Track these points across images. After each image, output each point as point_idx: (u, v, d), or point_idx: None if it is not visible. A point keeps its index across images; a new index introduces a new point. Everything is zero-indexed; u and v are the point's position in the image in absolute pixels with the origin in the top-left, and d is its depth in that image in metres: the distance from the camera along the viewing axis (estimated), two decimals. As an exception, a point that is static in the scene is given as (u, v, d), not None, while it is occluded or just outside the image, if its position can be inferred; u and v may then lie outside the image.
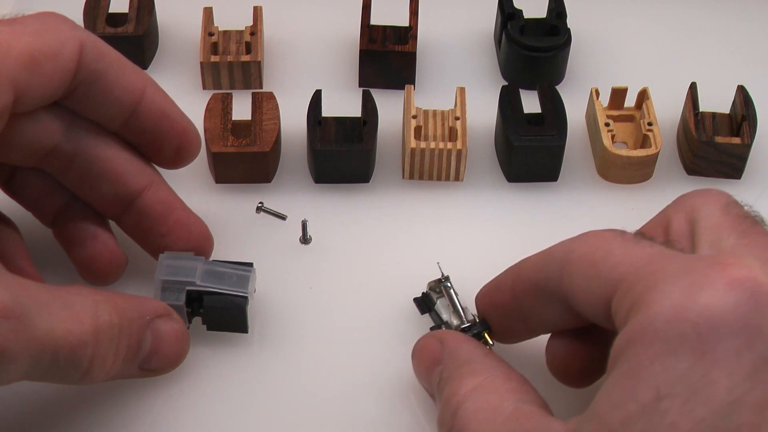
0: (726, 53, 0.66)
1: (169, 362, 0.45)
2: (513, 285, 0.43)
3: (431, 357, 0.44)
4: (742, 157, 0.57)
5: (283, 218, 0.55)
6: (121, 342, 0.42)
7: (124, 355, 0.42)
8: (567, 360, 0.44)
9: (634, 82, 0.60)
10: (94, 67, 0.45)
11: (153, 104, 0.48)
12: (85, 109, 0.47)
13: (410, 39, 0.61)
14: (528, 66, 0.62)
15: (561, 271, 0.40)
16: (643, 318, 0.34)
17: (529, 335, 0.45)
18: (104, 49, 0.46)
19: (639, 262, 0.36)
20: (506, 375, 0.41)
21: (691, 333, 0.33)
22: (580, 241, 0.40)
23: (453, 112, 0.57)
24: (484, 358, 0.42)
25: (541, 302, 0.42)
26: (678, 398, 0.32)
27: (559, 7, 0.63)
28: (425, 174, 0.57)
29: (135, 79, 0.47)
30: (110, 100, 0.46)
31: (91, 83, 0.45)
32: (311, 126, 0.56)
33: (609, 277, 0.37)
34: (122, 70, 0.46)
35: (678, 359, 0.33)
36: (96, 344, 0.40)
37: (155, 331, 0.44)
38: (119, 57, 0.47)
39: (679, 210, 0.41)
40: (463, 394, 0.40)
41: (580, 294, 0.39)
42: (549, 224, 0.56)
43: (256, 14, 0.63)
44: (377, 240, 0.55)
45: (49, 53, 0.43)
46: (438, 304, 0.49)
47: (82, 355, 0.40)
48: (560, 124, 0.57)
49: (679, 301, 0.33)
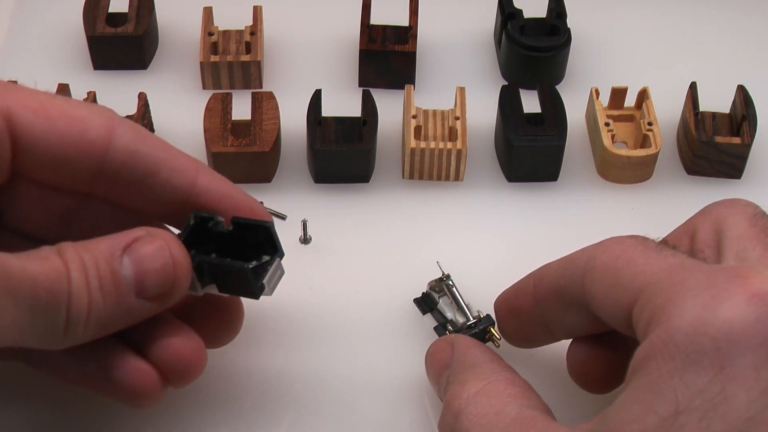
0: (726, 53, 0.66)
1: (162, 281, 0.41)
2: (535, 290, 0.43)
3: (441, 360, 0.44)
4: (742, 157, 0.57)
5: (283, 218, 0.55)
6: (89, 273, 0.39)
7: (103, 287, 0.39)
8: (588, 365, 0.43)
9: (634, 82, 0.60)
10: (135, 147, 0.42)
11: (211, 185, 0.44)
12: (136, 196, 0.43)
13: (410, 39, 0.61)
14: (528, 66, 0.62)
15: (583, 278, 0.40)
16: (663, 331, 0.34)
17: (548, 340, 0.45)
18: (146, 132, 0.43)
19: (660, 272, 0.36)
20: (510, 380, 0.41)
21: (710, 347, 0.33)
22: (602, 248, 0.39)
23: (453, 112, 0.57)
24: (490, 363, 0.42)
25: (563, 308, 0.42)
26: (696, 413, 0.32)
27: (559, 7, 0.63)
28: (425, 174, 0.57)
29: (185, 161, 0.43)
30: (160, 183, 0.43)
31: (134, 165, 0.42)
32: (311, 126, 0.56)
33: (630, 286, 0.37)
34: (168, 152, 0.43)
35: (697, 374, 0.33)
36: (67, 277, 0.38)
37: (133, 254, 0.40)
38: (165, 143, 0.44)
39: (706, 219, 0.41)
40: (465, 398, 0.40)
41: (601, 302, 0.39)
42: (549, 224, 0.56)
43: (256, 14, 0.63)
44: (377, 240, 0.55)
45: (70, 114, 0.41)
46: (440, 303, 0.49)
47: (60, 290, 0.38)
48: (560, 124, 0.57)
49: (699, 314, 0.33)
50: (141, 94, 0.58)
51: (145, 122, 0.57)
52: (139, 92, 0.58)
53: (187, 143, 0.59)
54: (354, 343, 0.50)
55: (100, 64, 0.63)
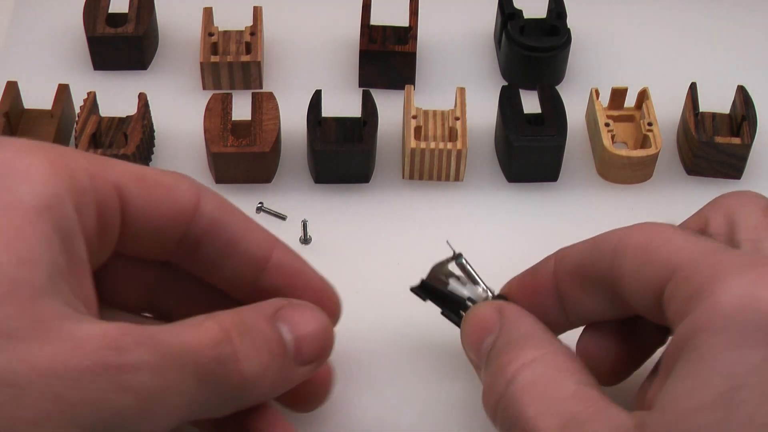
0: (726, 53, 0.66)
1: (319, 345, 0.41)
2: (555, 270, 0.43)
3: (485, 325, 0.42)
4: (742, 157, 0.57)
5: (283, 218, 0.55)
6: (255, 335, 0.38)
7: (269, 348, 0.38)
8: (599, 354, 0.43)
9: (634, 82, 0.60)
10: (218, 215, 0.41)
11: (285, 260, 0.43)
12: (213, 267, 0.42)
13: (410, 39, 0.61)
14: (528, 66, 0.62)
15: (613, 255, 0.39)
16: (710, 306, 0.33)
17: (561, 327, 0.44)
18: (227, 201, 0.43)
19: (700, 252, 0.36)
20: (567, 353, 0.39)
21: (763, 324, 0.33)
22: (636, 229, 0.39)
23: (453, 112, 0.57)
24: (544, 333, 0.41)
25: (584, 288, 0.41)
26: (754, 389, 0.32)
27: (559, 7, 0.63)
28: (425, 174, 0.57)
29: (263, 234, 0.43)
30: (239, 253, 0.42)
31: (216, 234, 0.41)
32: (311, 126, 0.56)
33: (665, 263, 0.37)
34: (247, 224, 0.43)
35: (751, 350, 0.32)
36: (230, 341, 0.37)
37: (285, 317, 0.40)
38: (245, 214, 0.43)
39: (717, 210, 0.41)
40: (521, 364, 0.38)
41: (630, 279, 0.38)
42: (549, 224, 0.56)
43: (256, 14, 0.63)
44: (377, 240, 0.55)
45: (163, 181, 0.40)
46: (451, 284, 0.47)
47: (227, 354, 0.36)
48: (560, 124, 0.57)
49: (748, 290, 0.33)
50: (141, 94, 0.58)
51: (145, 122, 0.57)
52: (139, 92, 0.58)
53: (187, 143, 0.59)
54: (353, 343, 0.50)
55: (100, 64, 0.63)
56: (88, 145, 0.55)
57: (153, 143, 0.59)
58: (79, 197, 0.36)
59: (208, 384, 0.36)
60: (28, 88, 0.59)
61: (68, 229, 0.35)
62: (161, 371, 0.34)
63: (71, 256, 0.35)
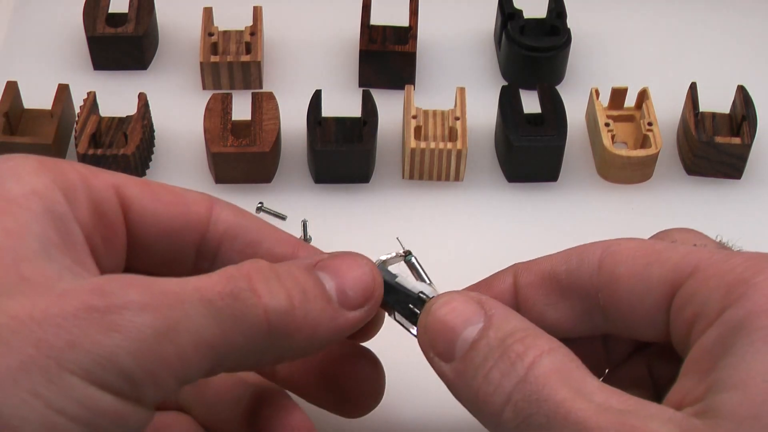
0: (726, 53, 0.66)
1: (365, 285, 0.39)
2: (517, 283, 0.42)
3: (464, 316, 0.39)
4: (742, 157, 0.57)
5: (283, 218, 0.55)
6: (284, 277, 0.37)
7: (301, 288, 0.37)
8: None
9: (634, 82, 0.60)
10: (235, 219, 0.41)
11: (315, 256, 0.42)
12: None
13: (410, 39, 0.61)
14: (528, 66, 0.62)
15: (600, 261, 0.39)
16: (762, 292, 0.34)
17: None
18: (242, 209, 0.42)
19: (712, 252, 0.36)
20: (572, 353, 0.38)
21: None
22: (622, 240, 0.39)
23: (453, 112, 0.57)
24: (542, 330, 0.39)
25: (550, 302, 0.41)
26: None
27: (559, 7, 0.63)
28: (425, 174, 0.57)
29: (285, 234, 0.43)
30: (262, 253, 0.41)
31: (236, 236, 0.41)
32: (311, 126, 0.56)
33: (679, 264, 0.37)
34: (266, 226, 0.42)
35: None
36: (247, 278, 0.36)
37: (324, 266, 0.39)
38: (260, 219, 0.43)
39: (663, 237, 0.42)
40: (541, 351, 0.36)
41: (630, 282, 0.38)
42: (549, 224, 0.56)
43: (256, 14, 0.63)
44: (377, 240, 0.55)
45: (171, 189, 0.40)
46: (399, 279, 0.43)
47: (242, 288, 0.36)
48: (560, 124, 0.57)
49: None
50: (141, 94, 0.58)
51: (145, 122, 0.57)
52: (139, 92, 0.58)
53: (187, 143, 0.59)
54: (354, 343, 0.50)
55: (100, 64, 0.63)
56: (87, 144, 0.55)
57: (153, 143, 0.59)
58: (69, 192, 0.36)
59: (224, 320, 0.35)
60: (28, 88, 0.59)
61: (60, 213, 0.35)
62: (153, 309, 0.33)
63: (67, 236, 0.35)
